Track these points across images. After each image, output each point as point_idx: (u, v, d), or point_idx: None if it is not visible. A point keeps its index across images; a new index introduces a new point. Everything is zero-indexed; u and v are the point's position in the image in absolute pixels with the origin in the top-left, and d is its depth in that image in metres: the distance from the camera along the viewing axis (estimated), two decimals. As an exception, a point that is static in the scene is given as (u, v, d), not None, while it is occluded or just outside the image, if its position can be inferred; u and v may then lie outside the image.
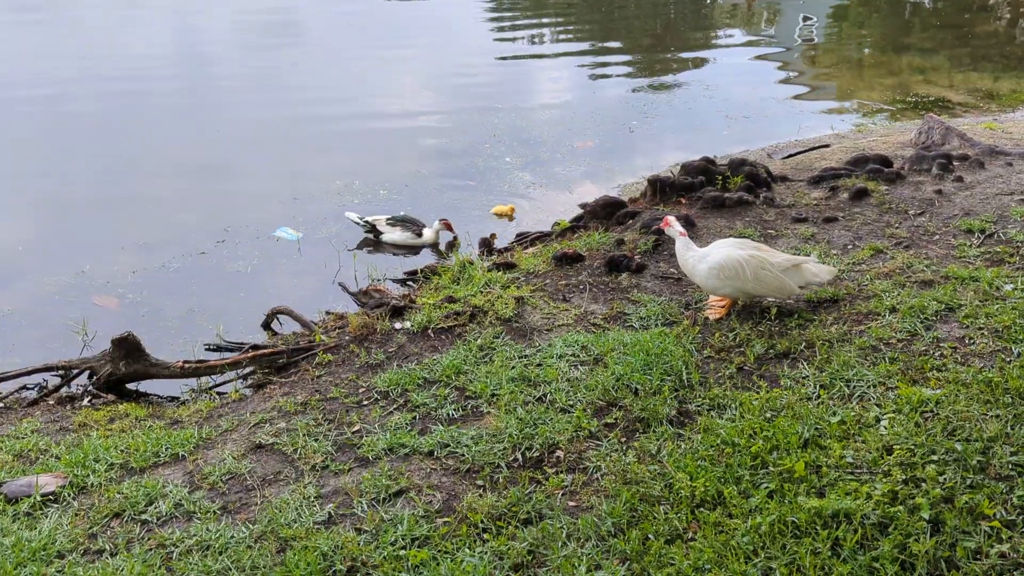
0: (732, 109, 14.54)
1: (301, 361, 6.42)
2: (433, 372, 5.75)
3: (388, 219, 9.53)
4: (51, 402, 6.36)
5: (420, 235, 9.49)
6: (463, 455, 4.81)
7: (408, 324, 6.50)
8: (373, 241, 9.59)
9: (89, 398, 6.39)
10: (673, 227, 6.39)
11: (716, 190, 8.74)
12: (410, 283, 8.42)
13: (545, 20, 22.70)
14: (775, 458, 4.40)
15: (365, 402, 5.54)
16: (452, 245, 9.50)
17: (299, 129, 13.26)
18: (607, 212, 8.82)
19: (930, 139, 10.79)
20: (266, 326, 7.62)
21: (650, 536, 4.03)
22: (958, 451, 4.26)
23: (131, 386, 6.71)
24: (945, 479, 4.11)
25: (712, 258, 6.10)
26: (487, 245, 9.26)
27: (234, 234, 9.59)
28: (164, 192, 10.82)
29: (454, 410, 5.28)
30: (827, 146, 11.83)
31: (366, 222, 9.53)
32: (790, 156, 11.55)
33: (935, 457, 4.26)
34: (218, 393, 6.54)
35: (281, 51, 18.36)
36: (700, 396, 5.20)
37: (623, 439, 4.87)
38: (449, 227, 9.46)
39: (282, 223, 9.83)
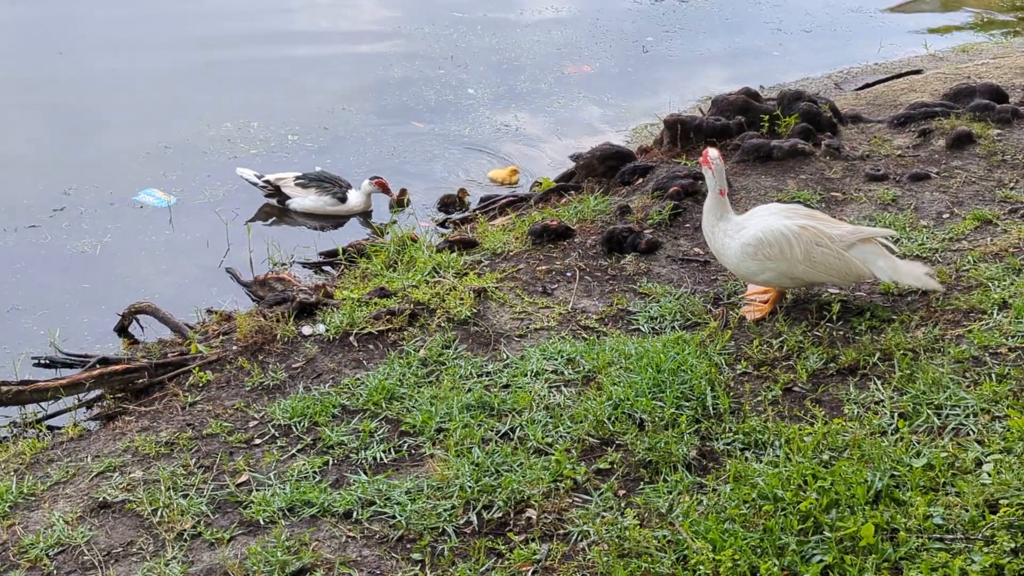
0: (787, 20, 14.51)
1: (168, 381, 6.39)
2: (355, 397, 5.74)
3: (298, 178, 9.51)
4: None
5: (343, 200, 9.46)
6: (394, 517, 4.79)
7: (322, 328, 6.51)
8: (277, 209, 9.56)
9: None
10: (716, 168, 6.13)
11: (760, 135, 8.76)
12: (328, 269, 8.42)
13: None
14: (833, 519, 4.39)
15: (257, 440, 5.51)
16: (400, 205, 9.46)
17: (175, 50, 13.11)
18: (608, 167, 8.83)
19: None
20: (122, 331, 7.59)
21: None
22: (1090, 507, 4.26)
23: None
24: (1071, 547, 4.10)
25: (748, 231, 6.09)
26: (449, 206, 9.37)
27: (78, 199, 9.51)
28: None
29: (383, 452, 5.28)
30: (919, 72, 11.84)
31: (267, 182, 9.50)
32: (866, 86, 11.54)
33: (1058, 516, 4.25)
34: (49, 428, 6.49)
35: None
36: (730, 430, 5.21)
37: (621, 492, 4.87)
38: (384, 188, 9.43)
39: (147, 184, 9.75)
